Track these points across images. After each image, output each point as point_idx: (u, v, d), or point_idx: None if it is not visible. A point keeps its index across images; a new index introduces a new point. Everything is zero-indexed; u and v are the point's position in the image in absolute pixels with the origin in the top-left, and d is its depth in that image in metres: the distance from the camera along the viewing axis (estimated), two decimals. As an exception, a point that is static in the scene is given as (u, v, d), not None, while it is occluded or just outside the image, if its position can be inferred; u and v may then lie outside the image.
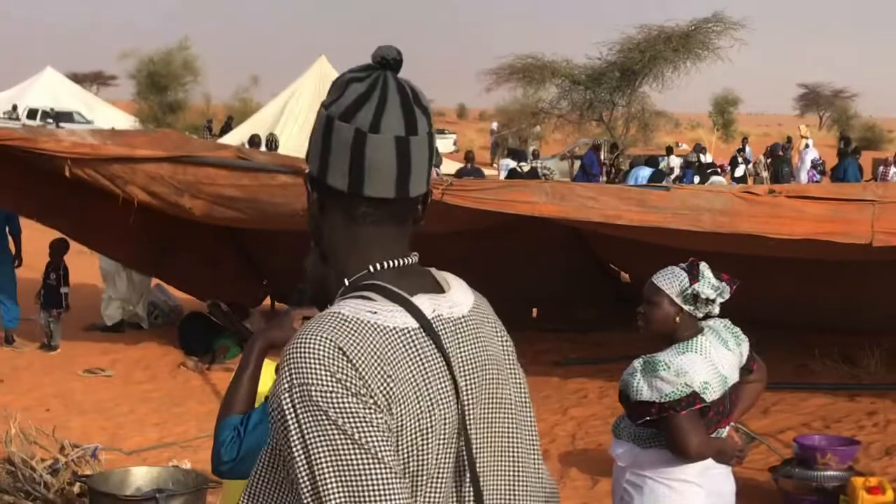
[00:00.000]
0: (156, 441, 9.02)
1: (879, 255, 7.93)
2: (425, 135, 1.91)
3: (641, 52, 29.33)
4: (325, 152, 1.90)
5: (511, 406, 2.01)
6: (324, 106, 1.93)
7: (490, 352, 1.98)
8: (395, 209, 1.92)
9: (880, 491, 6.94)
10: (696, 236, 7.92)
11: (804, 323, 10.86)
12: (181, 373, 11.41)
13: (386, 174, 1.87)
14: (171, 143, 10.07)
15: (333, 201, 1.92)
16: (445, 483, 1.86)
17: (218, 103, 54.38)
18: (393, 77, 1.91)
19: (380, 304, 1.85)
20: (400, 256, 1.94)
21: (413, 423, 1.80)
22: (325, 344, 1.76)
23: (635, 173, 22.12)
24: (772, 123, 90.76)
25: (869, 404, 9.94)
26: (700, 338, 4.32)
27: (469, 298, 2.00)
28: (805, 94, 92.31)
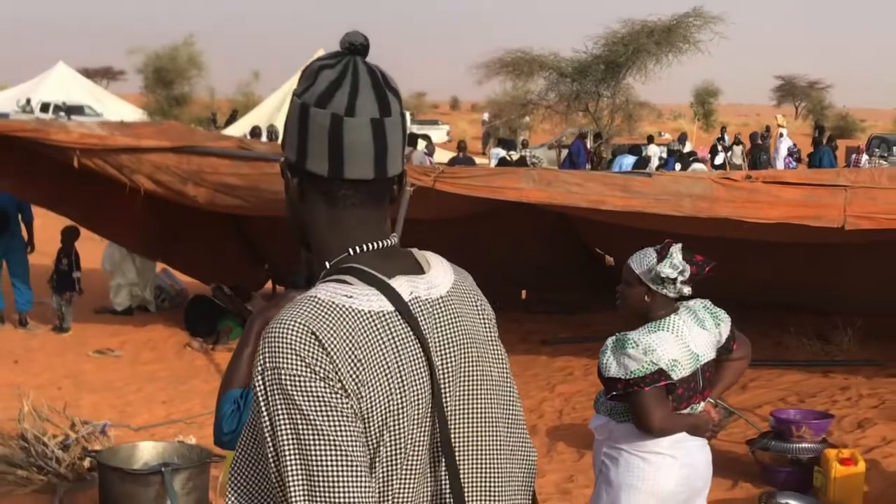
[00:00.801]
0: (163, 418, 9.01)
1: (851, 238, 7.92)
2: (398, 115, 1.89)
3: (625, 45, 29.30)
4: (302, 139, 1.87)
5: (491, 383, 1.98)
6: (296, 94, 1.90)
7: (469, 331, 1.94)
8: (374, 189, 1.89)
9: (853, 462, 6.94)
10: (677, 220, 7.90)
11: (780, 303, 10.87)
12: (187, 353, 11.42)
13: (364, 156, 1.85)
14: (175, 134, 10.04)
15: (313, 186, 1.89)
16: (421, 462, 1.83)
17: (221, 97, 54.36)
18: (362, 62, 1.89)
19: (356, 288, 1.82)
20: (379, 238, 1.91)
21: (385, 405, 1.76)
22: (298, 329, 1.75)
23: (619, 161, 22.13)
24: (750, 113, 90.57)
25: (842, 380, 9.95)
26: (673, 317, 4.30)
27: (449, 277, 1.96)
28: (781, 85, 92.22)
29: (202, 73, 49.72)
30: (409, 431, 1.80)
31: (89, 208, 11.22)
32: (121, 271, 12.89)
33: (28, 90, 52.20)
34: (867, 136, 47.24)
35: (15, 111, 45.20)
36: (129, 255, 12.78)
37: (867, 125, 63.93)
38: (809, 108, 73.01)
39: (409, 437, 1.80)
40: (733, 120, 66.49)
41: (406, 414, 1.79)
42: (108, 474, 5.98)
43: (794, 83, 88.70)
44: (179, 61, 48.31)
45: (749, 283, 9.69)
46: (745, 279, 9.38)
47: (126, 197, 10.00)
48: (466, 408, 1.92)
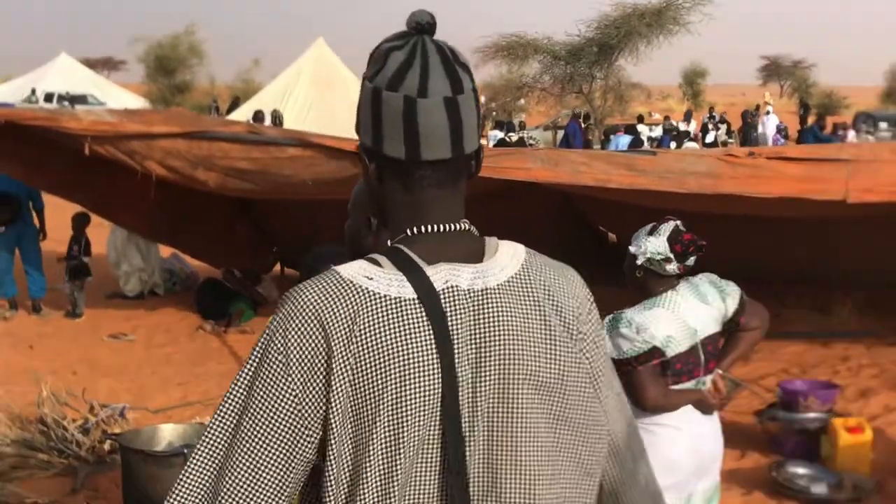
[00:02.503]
0: (179, 400, 8.93)
1: (853, 211, 7.84)
2: (470, 91, 1.80)
3: (617, 28, 29.11)
4: (376, 124, 1.79)
5: (537, 389, 1.77)
6: (366, 78, 1.82)
7: (515, 327, 1.75)
8: (452, 169, 1.81)
9: (860, 430, 6.90)
10: (682, 198, 7.81)
11: (780, 276, 10.79)
12: (200, 336, 11.34)
13: (440, 136, 1.77)
14: (184, 120, 9.92)
15: (391, 170, 1.82)
16: (434, 460, 1.71)
17: (221, 84, 54.21)
18: (430, 40, 1.80)
19: (382, 270, 1.75)
20: (447, 221, 1.82)
21: (383, 391, 1.67)
22: (305, 304, 1.72)
23: (616, 141, 22.04)
24: (736, 93, 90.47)
25: (842, 350, 9.91)
26: (670, 293, 4.25)
27: (509, 270, 1.80)
28: (767, 65, 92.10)
29: (203, 62, 49.65)
30: (412, 425, 1.68)
31: (100, 195, 11.11)
32: (126, 259, 12.81)
33: (32, 81, 52.07)
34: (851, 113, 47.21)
35: (20, 101, 45.01)
36: (131, 241, 12.68)
37: (851, 102, 63.75)
38: (794, 87, 72.82)
39: (414, 431, 1.68)
40: (720, 100, 66.25)
41: (407, 406, 1.68)
42: (131, 457, 5.90)
43: (778, 63, 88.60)
44: (180, 50, 48.20)
45: (749, 257, 9.61)
46: (745, 253, 9.31)
47: (136, 183, 9.89)
48: (499, 411, 1.74)
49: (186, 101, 44.37)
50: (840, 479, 6.61)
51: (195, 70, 49.75)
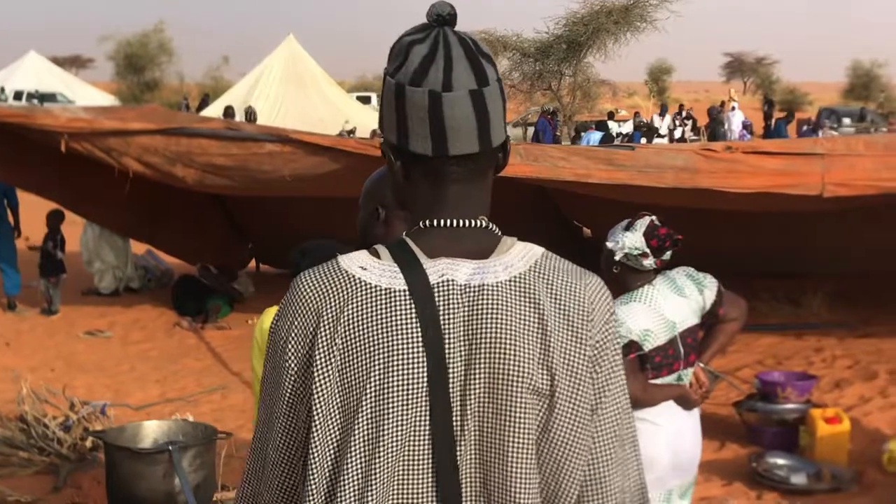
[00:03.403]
0: (158, 397, 8.86)
1: (828, 205, 7.87)
2: (495, 83, 1.74)
3: (585, 25, 29.16)
4: (401, 120, 1.73)
5: (531, 391, 1.69)
6: (388, 74, 1.76)
7: (508, 326, 1.68)
8: (480, 162, 1.76)
9: (838, 421, 6.92)
10: (660, 192, 7.81)
11: (752, 269, 10.83)
12: (176, 332, 11.25)
13: (467, 130, 1.71)
14: (159, 117, 9.82)
15: (418, 167, 1.76)
16: (420, 454, 1.68)
17: (191, 82, 53.95)
18: (452, 32, 1.74)
19: (378, 261, 1.72)
20: (462, 216, 1.76)
21: (368, 380, 1.65)
22: (301, 289, 1.74)
23: (587, 137, 22.06)
24: (700, 90, 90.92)
25: (815, 342, 9.95)
26: (647, 287, 4.23)
27: (513, 270, 1.72)
28: (730, 62, 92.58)
29: (172, 59, 49.40)
30: (394, 417, 1.65)
31: (76, 192, 11.01)
32: (98, 257, 12.67)
33: (1, 79, 51.55)
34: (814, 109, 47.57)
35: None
36: (103, 239, 12.55)
37: (813, 98, 64.29)
38: (758, 84, 73.36)
39: (396, 423, 1.65)
40: (684, 96, 66.58)
41: (390, 397, 1.65)
42: (115, 454, 5.83)
43: (742, 59, 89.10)
44: (150, 48, 47.90)
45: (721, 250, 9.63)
46: (718, 246, 9.33)
47: (111, 179, 9.79)
48: (489, 410, 1.68)
49: (156, 99, 44.06)
50: (819, 469, 6.62)
51: (164, 68, 49.56)
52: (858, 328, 10.31)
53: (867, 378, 8.67)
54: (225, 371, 9.74)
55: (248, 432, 7.63)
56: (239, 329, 11.28)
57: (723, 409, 7.73)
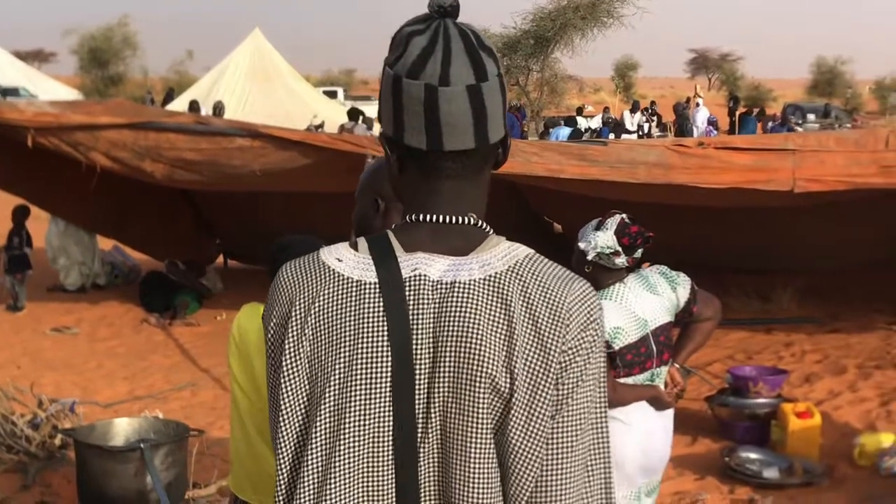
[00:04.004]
0: (126, 394, 8.79)
1: (799, 200, 7.91)
2: (495, 78, 1.70)
3: (552, 20, 29.32)
4: (397, 112, 1.70)
5: (493, 391, 1.64)
6: (388, 64, 1.72)
7: (475, 325, 1.63)
8: (475, 158, 1.72)
9: (809, 415, 6.95)
10: (633, 188, 7.82)
11: (721, 264, 10.88)
12: (144, 328, 11.17)
13: (463, 126, 1.68)
14: (128, 111, 9.71)
15: (413, 160, 1.73)
16: (381, 449, 1.66)
17: (155, 76, 53.60)
18: (453, 24, 1.70)
19: (354, 254, 1.72)
20: (450, 212, 1.72)
21: (333, 371, 1.65)
22: (281, 278, 1.76)
23: (555, 132, 22.07)
24: (665, 86, 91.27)
25: (784, 337, 10.02)
26: (618, 285, 4.23)
27: (488, 269, 1.67)
28: (695, 58, 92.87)
29: (136, 53, 49.03)
30: (356, 409, 1.64)
31: (43, 188, 10.89)
32: (63, 253, 12.54)
33: (-38, 73, 50.90)
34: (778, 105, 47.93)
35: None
36: (68, 234, 12.43)
37: (777, 94, 64.74)
38: (723, 80, 73.72)
39: (357, 416, 1.64)
40: (650, 92, 66.81)
41: (352, 389, 1.64)
42: (86, 452, 5.77)
43: (707, 56, 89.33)
44: (114, 42, 47.51)
45: (691, 246, 9.67)
46: (687, 242, 9.36)
47: (79, 175, 9.68)
48: (452, 408, 1.65)
49: (120, 93, 43.77)
50: (791, 463, 6.66)
51: (128, 62, 49.16)
52: (827, 323, 10.39)
53: (836, 373, 8.73)
54: (194, 367, 9.68)
55: (218, 430, 7.59)
56: (207, 325, 11.21)
57: (695, 404, 7.76)
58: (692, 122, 28.96)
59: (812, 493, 6.32)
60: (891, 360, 9.02)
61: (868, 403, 7.92)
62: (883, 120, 43.07)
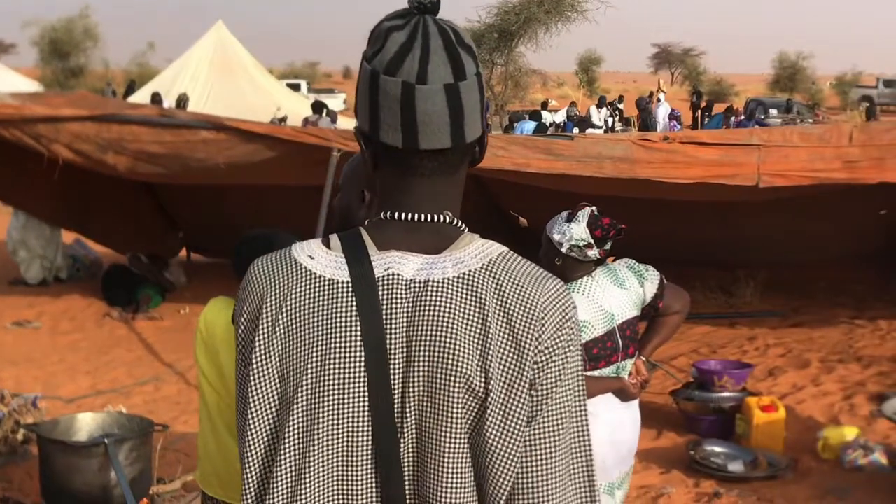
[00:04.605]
0: (89, 388, 8.71)
1: (763, 195, 7.95)
2: (473, 77, 1.69)
3: (517, 14, 29.35)
4: (374, 109, 1.68)
5: (468, 391, 1.63)
6: (365, 59, 1.70)
7: (449, 323, 1.63)
8: (451, 157, 1.71)
9: (773, 409, 7.01)
10: (598, 182, 7.83)
11: (685, 258, 10.92)
12: (107, 322, 11.07)
13: (439, 125, 1.66)
14: (90, 104, 9.63)
15: (388, 157, 1.71)
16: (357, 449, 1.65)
17: (116, 68, 53.11)
18: (433, 21, 1.68)
19: (327, 252, 1.70)
20: (424, 210, 1.71)
21: (306, 370, 1.64)
22: (252, 274, 1.75)
23: (520, 126, 22.08)
24: (628, 80, 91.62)
25: (748, 331, 10.09)
26: (585, 279, 4.23)
27: (461, 267, 1.66)
28: (658, 52, 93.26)
29: (98, 45, 48.54)
30: (329, 409, 1.63)
31: (4, 181, 10.76)
32: (24, 246, 12.38)
33: (-82, 64, 50.29)
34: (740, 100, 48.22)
35: None
36: (29, 228, 12.28)
37: (740, 90, 65.13)
38: (685, 75, 74.06)
39: (331, 416, 1.63)
40: (613, 87, 67.07)
41: (324, 390, 1.63)
42: (49, 447, 5.70)
43: (669, 50, 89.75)
44: (75, 33, 47.03)
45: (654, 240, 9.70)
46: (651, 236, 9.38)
47: (40, 167, 9.56)
48: (427, 407, 1.64)
49: (81, 85, 43.24)
50: (755, 456, 6.71)
51: (90, 54, 48.63)
52: (790, 317, 10.49)
53: (800, 366, 8.80)
54: (157, 362, 9.61)
55: (182, 424, 7.54)
56: (170, 319, 11.13)
57: (660, 398, 7.80)
58: (654, 117, 29.11)
59: (776, 487, 6.37)
60: (853, 354, 9.12)
61: (831, 397, 7.99)
62: (844, 115, 43.46)
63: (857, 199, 8.67)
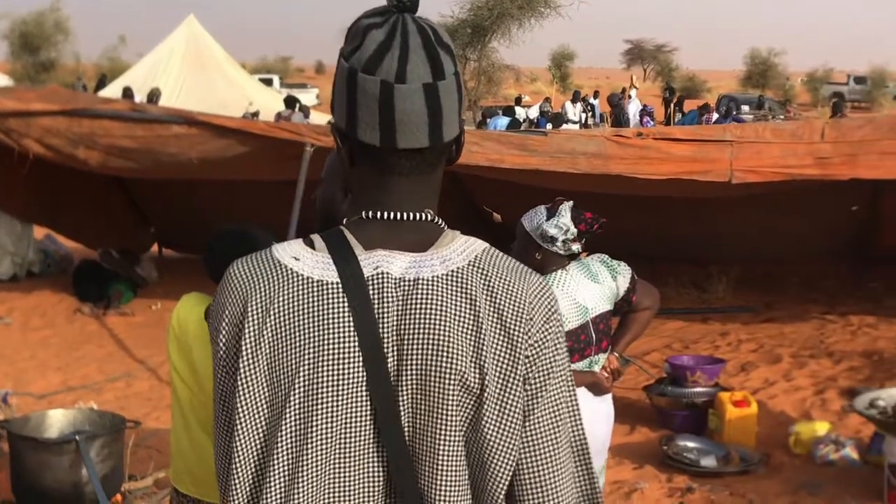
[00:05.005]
0: (60, 385, 8.65)
1: (736, 191, 7.99)
2: (452, 76, 1.67)
3: (490, 9, 29.34)
4: (351, 107, 1.67)
5: (463, 387, 1.64)
6: (343, 56, 1.69)
7: (441, 321, 1.63)
8: (429, 157, 1.70)
9: (746, 404, 7.04)
10: (572, 178, 7.84)
11: (658, 254, 10.96)
12: (78, 318, 10.99)
13: (418, 124, 1.65)
14: (61, 98, 9.55)
15: (365, 155, 1.70)
16: (356, 448, 1.65)
17: (87, 62, 52.81)
18: (412, 19, 1.67)
19: (312, 252, 1.68)
20: (406, 209, 1.70)
21: (297, 372, 1.61)
22: (233, 277, 1.71)
23: (493, 122, 22.09)
24: (601, 76, 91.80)
25: (720, 326, 10.14)
26: (560, 272, 4.26)
27: (449, 265, 1.67)
28: (630, 48, 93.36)
29: (69, 39, 48.24)
30: (323, 413, 1.61)
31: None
32: (-7, 242, 12.26)
33: None
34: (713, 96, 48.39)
35: None
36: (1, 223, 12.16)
37: (712, 86, 65.41)
38: (658, 71, 74.26)
39: (325, 418, 1.61)
40: (586, 83, 67.24)
41: (318, 392, 1.61)
42: (20, 444, 5.65)
43: (642, 46, 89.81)
44: (46, 27, 46.71)
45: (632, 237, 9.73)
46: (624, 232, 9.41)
47: (13, 162, 9.49)
48: (421, 405, 1.65)
49: (52, 79, 42.95)
50: (728, 451, 6.73)
51: (60, 48, 48.33)
52: (762, 312, 10.54)
53: (772, 361, 8.85)
54: (128, 358, 9.55)
55: (154, 421, 7.50)
56: (142, 315, 11.07)
57: (633, 393, 7.83)
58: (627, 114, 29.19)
59: (749, 481, 6.40)
60: (825, 350, 9.18)
61: (803, 392, 8.04)
62: (815, 111, 43.75)
63: (828, 196, 8.73)
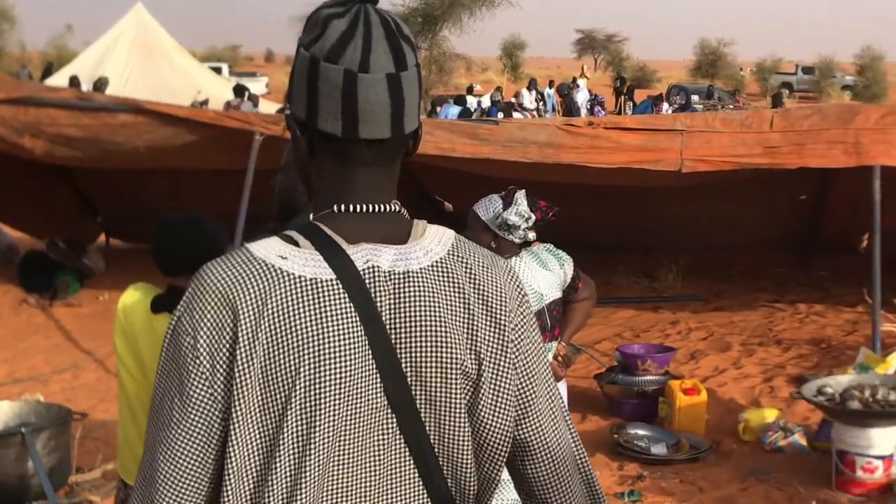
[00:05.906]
0: (6, 377, 8.53)
1: (686, 180, 8.04)
2: (413, 68, 1.67)
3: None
4: (312, 96, 1.65)
5: (461, 374, 1.68)
6: (303, 46, 1.67)
7: (435, 312, 1.66)
8: (389, 147, 1.69)
9: (696, 392, 7.09)
10: (523, 167, 7.86)
11: (608, 243, 11.02)
12: (24, 310, 10.85)
13: (380, 114, 1.64)
14: (6, 86, 9.43)
15: (325, 145, 1.68)
16: (367, 444, 1.64)
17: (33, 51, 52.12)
18: (374, 10, 1.66)
19: (298, 250, 1.64)
20: (376, 200, 1.69)
21: (298, 374, 1.58)
22: (213, 283, 1.61)
23: (444, 111, 22.08)
24: (552, 66, 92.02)
25: (670, 315, 10.21)
26: (514, 259, 4.30)
27: (433, 255, 1.69)
28: (581, 38, 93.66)
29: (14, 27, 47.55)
30: (328, 412, 1.59)
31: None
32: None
33: None
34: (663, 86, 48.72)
35: None
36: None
37: (662, 75, 65.78)
38: (609, 61, 74.59)
39: (330, 418, 1.59)
40: (537, 72, 67.26)
41: (324, 390, 1.58)
42: (-37, 437, 5.58)
43: (593, 36, 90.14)
44: (-10, 15, 46.10)
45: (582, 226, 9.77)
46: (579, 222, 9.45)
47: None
48: (420, 396, 1.66)
49: (-4, 67, 42.44)
50: (678, 439, 6.78)
51: (6, 36, 47.65)
52: (712, 301, 10.63)
53: (721, 349, 8.93)
54: (75, 349, 9.45)
55: (101, 412, 7.42)
56: (89, 306, 10.95)
57: (584, 382, 7.86)
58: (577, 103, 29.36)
59: (699, 469, 6.45)
60: (773, 338, 9.27)
61: (752, 380, 8.12)
62: (764, 101, 44.13)
63: (777, 185, 8.81)
